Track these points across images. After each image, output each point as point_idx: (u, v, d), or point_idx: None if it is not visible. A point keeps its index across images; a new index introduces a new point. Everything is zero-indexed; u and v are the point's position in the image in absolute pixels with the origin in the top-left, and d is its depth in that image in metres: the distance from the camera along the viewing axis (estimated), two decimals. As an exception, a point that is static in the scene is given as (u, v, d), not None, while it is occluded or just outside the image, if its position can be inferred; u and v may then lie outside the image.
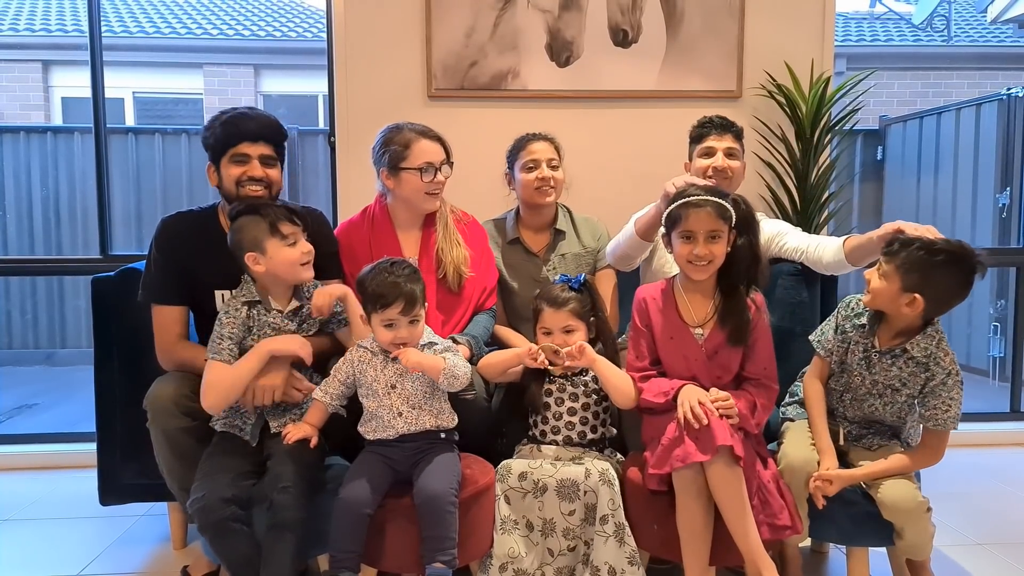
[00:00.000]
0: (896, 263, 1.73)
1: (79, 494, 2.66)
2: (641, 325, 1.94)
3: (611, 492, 1.82)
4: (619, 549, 1.80)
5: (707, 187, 1.87)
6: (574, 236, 2.45)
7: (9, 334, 5.89)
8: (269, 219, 1.86)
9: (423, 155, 2.16)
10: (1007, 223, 4.83)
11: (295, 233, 1.90)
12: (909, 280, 1.71)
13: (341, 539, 1.73)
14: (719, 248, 1.81)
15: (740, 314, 1.84)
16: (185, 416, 1.87)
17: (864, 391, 1.87)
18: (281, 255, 1.87)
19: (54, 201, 5.90)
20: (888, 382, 1.83)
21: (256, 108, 2.09)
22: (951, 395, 1.77)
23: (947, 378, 1.77)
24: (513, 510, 1.87)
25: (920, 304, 1.72)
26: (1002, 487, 2.77)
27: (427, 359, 1.79)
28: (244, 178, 1.98)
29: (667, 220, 1.87)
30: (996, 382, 4.88)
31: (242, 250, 1.87)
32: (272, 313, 1.91)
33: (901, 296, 1.73)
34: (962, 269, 1.70)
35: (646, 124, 3.02)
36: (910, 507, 1.74)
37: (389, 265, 1.84)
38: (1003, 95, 4.90)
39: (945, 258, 1.69)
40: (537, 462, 1.89)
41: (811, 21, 3.02)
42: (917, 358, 1.79)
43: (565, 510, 1.84)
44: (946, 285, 1.72)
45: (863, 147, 5.83)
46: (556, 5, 2.96)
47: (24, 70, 7.99)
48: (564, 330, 1.97)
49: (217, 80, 8.31)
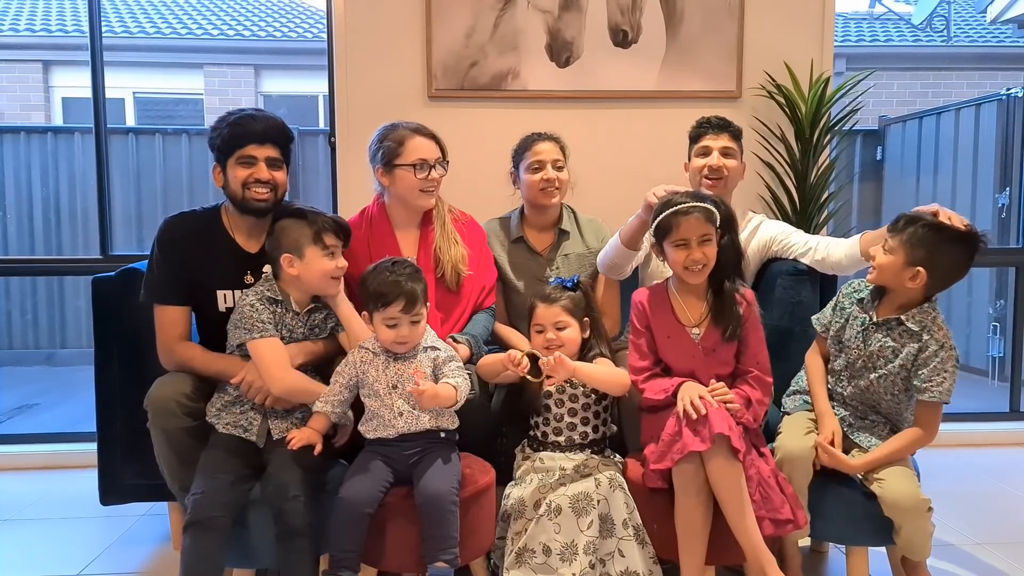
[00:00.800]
0: (903, 238, 1.78)
1: (79, 494, 2.67)
2: (640, 326, 1.96)
3: (624, 496, 1.83)
4: (643, 551, 1.81)
5: (691, 193, 1.91)
6: (578, 236, 2.46)
7: (9, 334, 5.89)
8: (316, 227, 1.90)
9: (417, 151, 2.17)
10: (1006, 223, 4.83)
11: (336, 246, 1.93)
12: (915, 254, 1.77)
13: (341, 539, 1.73)
14: (711, 250, 1.86)
15: (732, 310, 1.89)
16: (186, 416, 1.87)
17: (860, 364, 1.90)
18: (318, 264, 1.89)
19: (54, 201, 5.90)
20: (882, 353, 1.86)
21: (262, 110, 2.09)
22: (945, 367, 1.80)
23: (940, 350, 1.80)
24: (533, 537, 1.81)
25: (923, 278, 1.77)
26: (1002, 487, 2.77)
27: (442, 390, 1.79)
28: (251, 180, 1.98)
29: (656, 231, 1.90)
30: (996, 382, 4.88)
31: (279, 250, 1.89)
32: (290, 315, 1.93)
33: (905, 270, 1.78)
34: (967, 248, 1.76)
35: (646, 124, 3.02)
36: (911, 504, 1.75)
37: (391, 264, 1.85)
38: (1003, 95, 4.90)
39: (952, 235, 1.75)
40: (547, 483, 1.86)
41: (811, 21, 3.02)
42: (912, 329, 1.83)
43: (583, 525, 1.80)
44: (949, 262, 1.77)
45: (862, 147, 5.84)
46: (556, 5, 2.96)
47: (24, 70, 7.99)
48: (556, 326, 1.97)
49: (217, 80, 8.31)
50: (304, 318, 1.96)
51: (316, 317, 1.98)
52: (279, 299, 1.92)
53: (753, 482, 1.76)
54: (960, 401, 4.80)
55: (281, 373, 1.84)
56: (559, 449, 1.98)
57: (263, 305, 1.89)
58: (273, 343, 1.86)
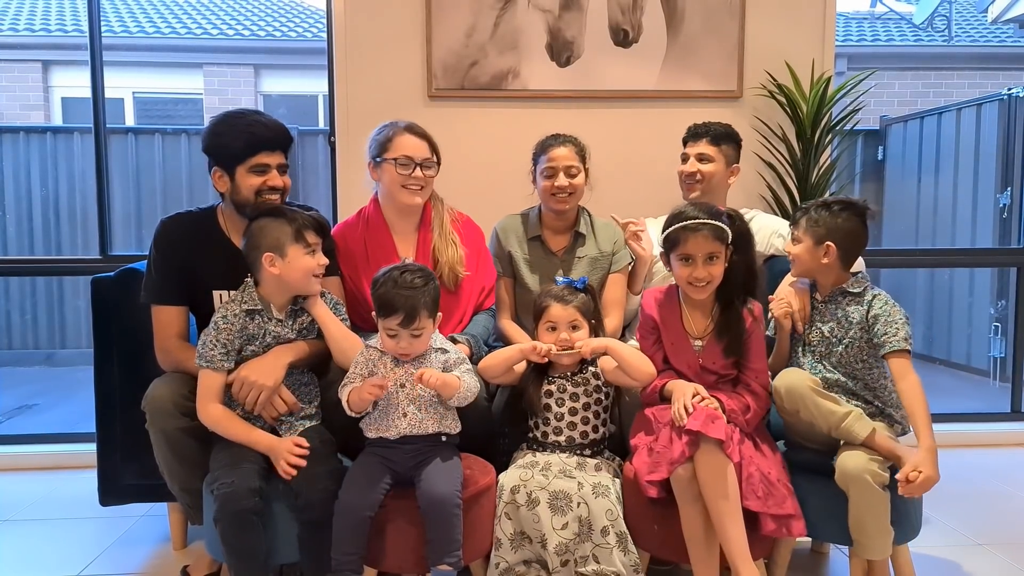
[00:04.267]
0: (804, 225, 1.98)
1: (79, 494, 2.66)
2: (649, 325, 1.98)
3: (608, 503, 1.82)
4: (624, 558, 1.80)
5: (704, 208, 1.90)
6: (592, 240, 2.45)
7: (9, 334, 5.89)
8: (296, 224, 1.85)
9: (402, 148, 2.17)
10: (1007, 223, 4.83)
11: (317, 244, 1.89)
12: (818, 233, 1.95)
13: (343, 542, 1.73)
14: (717, 269, 1.87)
15: (736, 327, 1.90)
16: (184, 416, 1.86)
17: (825, 344, 1.97)
18: (300, 262, 1.85)
19: (54, 201, 5.90)
20: (838, 322, 1.96)
21: (262, 112, 2.06)
22: (893, 318, 1.89)
23: (885, 305, 1.92)
24: (513, 524, 1.84)
25: (834, 250, 1.93)
26: (1002, 487, 2.77)
27: (445, 378, 1.79)
28: (264, 188, 1.96)
29: (666, 242, 1.92)
30: (996, 382, 4.88)
31: (259, 250, 1.84)
32: (274, 321, 1.90)
33: (817, 250, 1.95)
34: (856, 212, 1.96)
35: (646, 124, 3.02)
36: (860, 469, 1.75)
37: (399, 273, 1.81)
38: (1003, 95, 4.90)
39: (839, 207, 1.96)
40: (529, 473, 1.87)
41: (812, 21, 3.02)
42: (853, 293, 1.96)
43: (557, 524, 1.80)
44: (847, 228, 1.95)
45: (864, 147, 5.84)
46: (556, 5, 2.95)
47: (24, 70, 7.99)
48: (571, 325, 1.99)
49: (217, 80, 8.31)
50: (289, 322, 1.92)
51: (303, 319, 1.94)
52: (258, 309, 1.88)
53: (755, 479, 1.75)
54: (961, 401, 4.81)
55: (203, 405, 1.81)
56: (559, 449, 1.97)
57: (227, 323, 1.82)
58: (211, 376, 1.82)
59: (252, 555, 1.72)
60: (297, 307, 1.93)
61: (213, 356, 1.81)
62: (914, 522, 1.93)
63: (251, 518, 1.70)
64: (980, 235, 5.02)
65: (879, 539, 1.80)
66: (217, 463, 1.79)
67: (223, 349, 1.82)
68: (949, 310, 5.36)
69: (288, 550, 1.80)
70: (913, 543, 1.94)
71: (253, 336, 1.87)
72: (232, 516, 1.69)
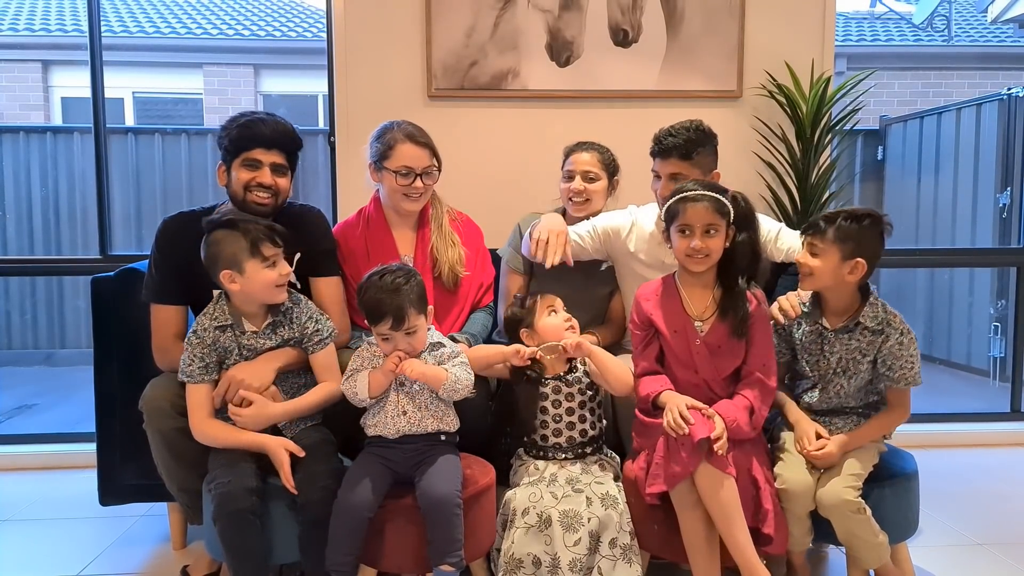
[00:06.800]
0: (831, 237, 1.83)
1: (79, 494, 2.66)
2: (642, 324, 1.93)
3: (615, 515, 1.82)
4: (629, 568, 1.80)
5: (705, 183, 1.89)
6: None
7: (9, 334, 5.89)
8: (250, 237, 1.79)
9: (403, 159, 2.16)
10: (1007, 223, 4.83)
11: (276, 255, 1.83)
12: (847, 248, 1.81)
13: (340, 543, 1.73)
14: (716, 243, 1.82)
15: (739, 307, 1.84)
16: (181, 416, 1.86)
17: (830, 373, 1.91)
18: (260, 277, 1.80)
19: (54, 201, 5.89)
20: (850, 355, 1.89)
21: (274, 114, 2.05)
22: (910, 352, 1.85)
23: (902, 337, 1.85)
24: (521, 547, 1.80)
25: (863, 267, 1.82)
26: (1002, 487, 2.77)
27: (430, 370, 1.79)
28: (253, 183, 1.97)
29: (666, 214, 1.88)
30: (996, 382, 4.88)
31: (217, 266, 1.79)
32: (247, 334, 1.87)
33: (843, 266, 1.82)
34: (879, 227, 1.84)
35: (646, 124, 2.97)
36: (835, 503, 1.76)
37: (379, 277, 1.80)
38: (1003, 95, 4.90)
39: (869, 220, 1.83)
40: (538, 493, 1.85)
41: (811, 21, 3.02)
42: (871, 327, 1.86)
43: (569, 542, 1.79)
44: (875, 244, 1.84)
45: (863, 147, 5.83)
46: (556, 5, 2.95)
47: (24, 70, 7.98)
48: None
49: (217, 80, 8.30)
50: (267, 332, 1.88)
51: (284, 332, 1.90)
52: (229, 323, 1.84)
53: (747, 495, 1.75)
54: (961, 401, 4.80)
55: (195, 423, 1.81)
56: (560, 451, 1.97)
57: (198, 339, 1.82)
58: (198, 390, 1.82)
59: (251, 555, 1.72)
60: (278, 318, 1.89)
61: (193, 372, 1.82)
62: (911, 520, 1.93)
63: (249, 518, 1.70)
64: (980, 235, 5.02)
65: (871, 551, 1.81)
66: (215, 463, 1.79)
67: (201, 363, 1.82)
68: (949, 310, 5.36)
69: (288, 550, 1.80)
70: (913, 543, 1.94)
71: (228, 350, 1.86)
72: (230, 516, 1.69)
